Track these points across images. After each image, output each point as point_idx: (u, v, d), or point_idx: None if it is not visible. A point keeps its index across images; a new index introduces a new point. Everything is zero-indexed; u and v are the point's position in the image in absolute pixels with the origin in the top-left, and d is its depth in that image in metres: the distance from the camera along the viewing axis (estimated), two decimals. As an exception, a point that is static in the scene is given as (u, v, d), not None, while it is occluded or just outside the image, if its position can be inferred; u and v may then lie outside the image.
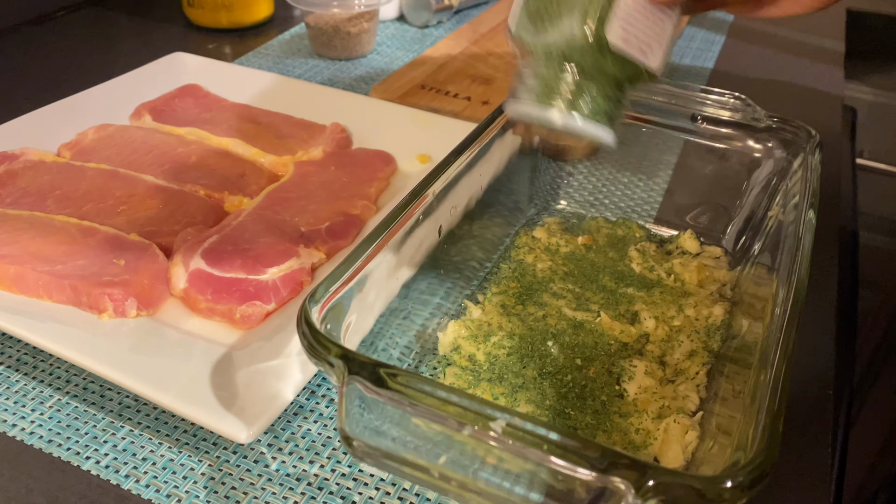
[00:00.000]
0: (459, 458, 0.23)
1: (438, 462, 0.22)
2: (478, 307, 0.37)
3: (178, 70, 0.56)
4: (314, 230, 0.40)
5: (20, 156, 0.44)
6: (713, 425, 0.30)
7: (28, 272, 0.35)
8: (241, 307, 0.35)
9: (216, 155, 0.46)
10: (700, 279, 0.39)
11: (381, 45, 0.68)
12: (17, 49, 0.65)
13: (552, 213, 0.45)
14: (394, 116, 0.51)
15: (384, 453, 0.23)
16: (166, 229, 0.40)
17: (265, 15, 0.70)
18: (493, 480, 0.22)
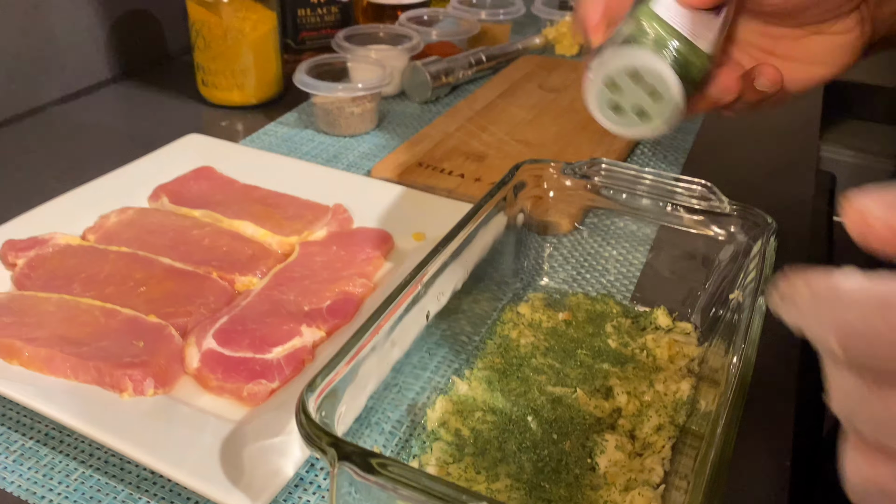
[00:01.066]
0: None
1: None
2: (464, 382, 0.41)
3: (192, 151, 0.60)
4: (316, 309, 0.44)
5: (49, 240, 0.48)
6: (672, 498, 0.33)
7: (57, 355, 0.39)
8: (248, 385, 0.39)
9: (228, 237, 0.50)
10: (671, 354, 0.43)
11: (384, 120, 0.72)
12: (44, 128, 0.70)
13: (536, 289, 0.49)
14: (392, 196, 0.55)
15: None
16: (182, 310, 0.44)
17: (275, 93, 0.75)
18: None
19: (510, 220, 0.47)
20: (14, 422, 0.39)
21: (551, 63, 0.82)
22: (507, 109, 0.71)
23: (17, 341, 0.40)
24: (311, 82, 0.66)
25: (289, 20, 0.79)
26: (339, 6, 0.81)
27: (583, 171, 0.47)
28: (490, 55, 0.80)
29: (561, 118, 0.70)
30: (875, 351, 0.19)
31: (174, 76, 0.80)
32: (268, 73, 0.73)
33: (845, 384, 0.20)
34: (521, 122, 0.69)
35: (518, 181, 0.46)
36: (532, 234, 0.50)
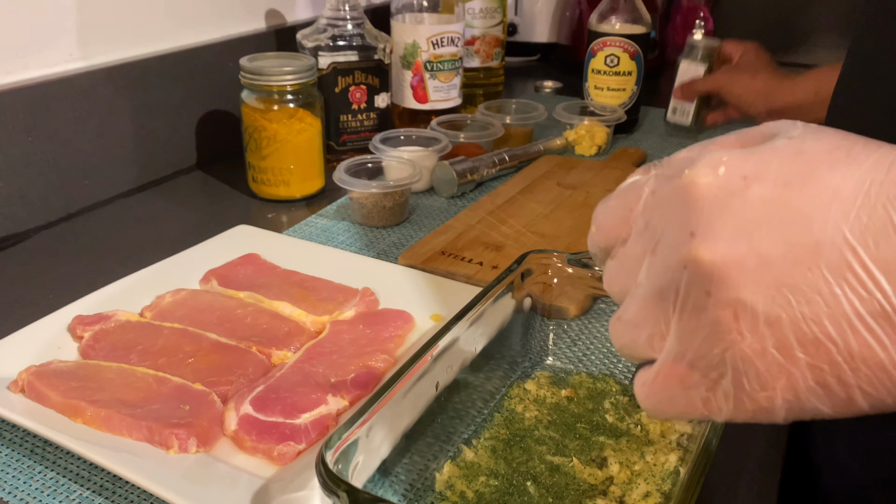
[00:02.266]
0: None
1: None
2: (471, 450, 0.45)
3: (241, 240, 0.67)
4: (341, 381, 0.49)
5: (112, 316, 0.55)
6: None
7: (114, 415, 0.45)
8: (279, 447, 0.44)
9: (268, 315, 0.56)
10: (662, 429, 0.46)
11: (414, 213, 0.79)
12: (113, 219, 0.78)
13: (543, 368, 0.54)
14: (415, 281, 0.61)
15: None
16: (224, 379, 0.49)
17: (317, 188, 0.83)
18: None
19: (518, 303, 0.52)
20: (74, 474, 0.45)
21: (570, 162, 0.89)
22: (526, 204, 0.77)
23: (81, 402, 0.45)
24: (349, 180, 0.73)
25: (332, 124, 0.88)
26: (377, 112, 0.90)
27: (584, 261, 0.52)
28: (513, 155, 0.88)
29: (575, 213, 0.76)
30: (604, 218, 0.30)
31: (228, 173, 0.89)
32: (311, 171, 0.81)
33: (607, 269, 0.31)
34: (539, 216, 0.75)
35: (525, 269, 0.51)
36: (540, 317, 0.54)
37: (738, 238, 0.24)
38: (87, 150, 0.78)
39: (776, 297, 0.24)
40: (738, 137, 0.28)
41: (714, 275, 0.24)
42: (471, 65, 1.11)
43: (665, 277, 0.26)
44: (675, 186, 0.26)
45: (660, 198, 0.27)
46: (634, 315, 0.28)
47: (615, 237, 0.29)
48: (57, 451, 0.46)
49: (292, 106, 0.77)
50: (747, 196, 0.24)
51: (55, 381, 0.47)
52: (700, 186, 0.25)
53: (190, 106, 0.89)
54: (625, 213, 0.29)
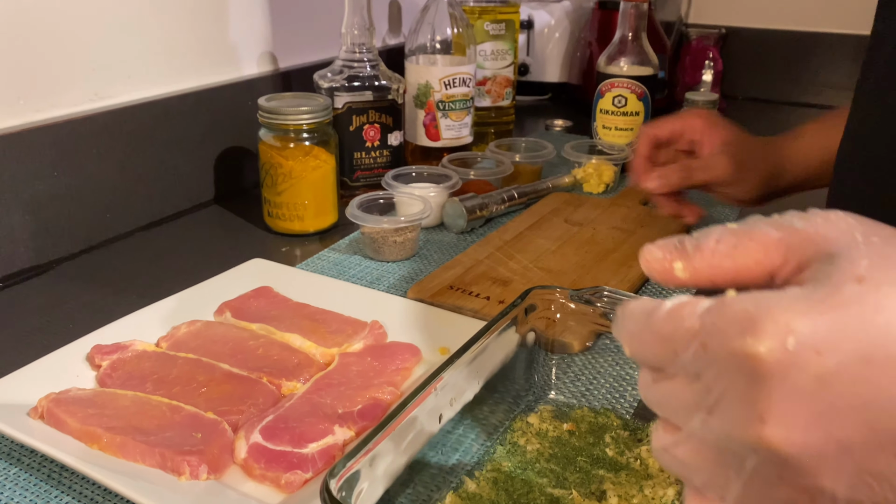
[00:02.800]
0: None
1: None
2: (473, 481, 0.46)
3: (254, 273, 0.69)
4: (348, 412, 0.50)
5: (129, 346, 0.57)
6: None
7: (129, 441, 0.46)
8: (286, 475, 0.45)
9: (279, 347, 0.58)
10: (662, 464, 0.47)
11: (424, 248, 0.81)
12: (132, 252, 0.81)
13: (546, 402, 0.55)
14: (423, 315, 0.62)
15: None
16: (235, 408, 0.51)
17: (330, 223, 0.85)
18: None
19: (522, 338, 0.53)
20: (89, 499, 0.46)
21: (578, 200, 0.91)
22: (533, 240, 0.79)
23: (98, 429, 0.47)
24: (361, 215, 0.75)
25: (346, 161, 0.91)
26: (390, 150, 0.93)
27: (586, 298, 0.53)
28: (521, 192, 0.90)
29: (582, 249, 0.77)
30: (643, 349, 0.27)
31: (244, 207, 0.92)
32: (324, 206, 0.83)
33: (641, 378, 0.28)
34: (546, 252, 0.77)
35: (529, 304, 0.53)
36: (543, 352, 0.56)
37: (815, 425, 0.22)
38: (109, 185, 0.81)
39: (857, 485, 0.22)
40: (787, 252, 0.25)
41: (789, 462, 0.23)
42: (482, 104, 1.14)
43: (728, 445, 0.24)
44: (734, 353, 0.23)
45: (716, 358, 0.24)
46: (688, 458, 0.26)
47: (652, 361, 0.27)
48: (73, 476, 0.48)
49: (308, 144, 0.80)
50: (823, 375, 0.22)
51: (73, 409, 0.49)
52: (767, 363, 0.22)
53: (208, 143, 0.92)
54: (661, 341, 0.26)
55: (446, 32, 0.97)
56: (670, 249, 0.28)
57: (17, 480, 0.47)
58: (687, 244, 0.28)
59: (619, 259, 0.75)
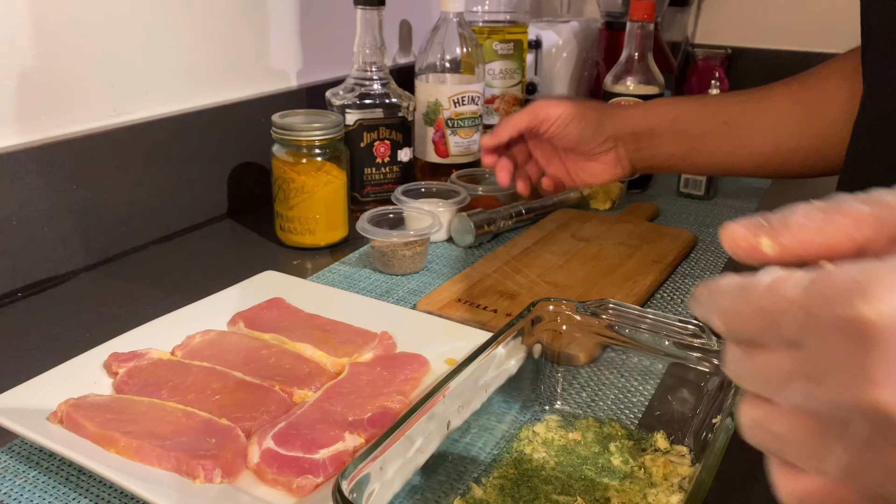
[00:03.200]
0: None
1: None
2: (480, 487, 0.47)
3: (267, 285, 0.71)
4: (358, 420, 0.52)
5: (145, 354, 0.59)
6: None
7: (146, 445, 0.48)
8: (298, 479, 0.46)
9: (291, 356, 0.59)
10: (665, 472, 0.48)
11: (433, 262, 0.82)
12: (147, 264, 0.82)
13: (552, 412, 0.56)
14: (431, 326, 0.63)
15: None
16: (248, 415, 0.52)
17: (341, 237, 0.87)
18: None
19: (528, 349, 0.55)
20: (106, 502, 0.47)
21: (585, 216, 0.92)
22: (540, 255, 0.80)
23: (115, 433, 0.48)
24: (371, 229, 0.77)
25: (356, 176, 0.92)
26: (400, 166, 0.95)
27: (592, 310, 0.55)
28: (529, 208, 0.91)
29: (588, 264, 0.78)
30: (740, 323, 0.27)
31: (257, 221, 0.93)
32: (335, 220, 0.85)
33: (733, 353, 0.27)
34: (553, 267, 0.78)
35: (535, 315, 0.54)
36: (550, 363, 0.57)
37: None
38: (125, 199, 0.83)
39: None
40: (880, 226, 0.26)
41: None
42: (490, 122, 1.16)
43: (832, 412, 0.24)
44: (843, 319, 0.23)
45: (822, 325, 0.24)
46: (784, 430, 0.26)
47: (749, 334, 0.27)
48: (90, 479, 0.49)
49: (320, 159, 0.82)
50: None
51: (91, 413, 0.50)
52: (878, 326, 0.22)
53: (222, 158, 0.94)
54: (761, 314, 0.26)
55: (456, 52, 0.99)
56: (755, 226, 0.28)
57: (37, 483, 0.49)
58: (773, 221, 0.28)
59: (625, 274, 0.76)
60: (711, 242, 0.88)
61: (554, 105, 0.73)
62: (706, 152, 0.74)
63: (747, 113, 0.73)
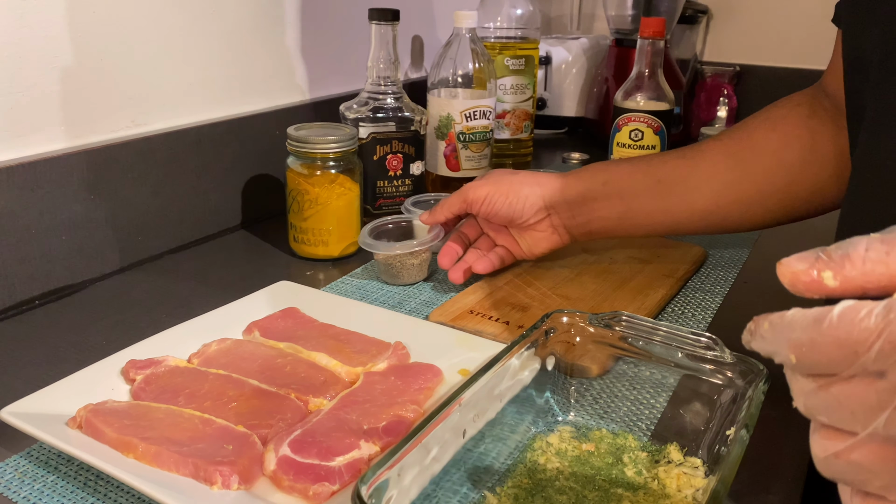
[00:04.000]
0: None
1: None
2: (495, 496, 0.47)
3: (281, 295, 0.72)
4: (373, 428, 0.52)
5: (162, 362, 0.59)
6: None
7: (163, 451, 0.48)
8: (314, 487, 0.47)
9: (306, 365, 0.60)
10: (679, 484, 0.48)
11: (443, 274, 0.83)
12: (163, 273, 0.83)
13: (566, 423, 0.56)
14: (444, 337, 0.64)
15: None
16: (264, 422, 0.53)
17: (354, 249, 0.87)
18: None
19: (542, 360, 0.55)
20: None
21: (595, 229, 0.93)
22: (551, 268, 0.81)
23: (133, 439, 0.49)
24: (372, 242, 0.78)
25: (369, 189, 0.93)
26: (412, 179, 0.95)
27: (606, 322, 0.55)
28: (540, 221, 0.92)
29: (599, 277, 0.79)
30: (817, 354, 0.27)
31: (271, 233, 0.94)
32: (348, 232, 0.86)
33: (803, 386, 0.28)
34: (564, 280, 0.78)
35: (549, 326, 0.55)
36: (563, 375, 0.57)
37: None
38: (142, 209, 0.84)
39: None
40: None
41: None
42: (501, 136, 1.17)
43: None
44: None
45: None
46: (867, 461, 0.26)
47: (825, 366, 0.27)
48: (108, 485, 0.50)
49: (334, 172, 0.83)
50: None
51: (110, 419, 0.51)
52: None
53: (238, 170, 0.95)
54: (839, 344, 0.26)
55: (468, 67, 1.00)
56: (814, 260, 0.28)
57: (55, 488, 0.49)
58: (833, 254, 0.28)
59: (637, 287, 0.77)
60: (721, 258, 0.88)
61: (479, 186, 0.75)
62: (642, 212, 0.73)
63: (680, 169, 0.72)
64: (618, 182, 0.73)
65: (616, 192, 0.73)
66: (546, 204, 0.74)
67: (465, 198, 0.76)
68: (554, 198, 0.74)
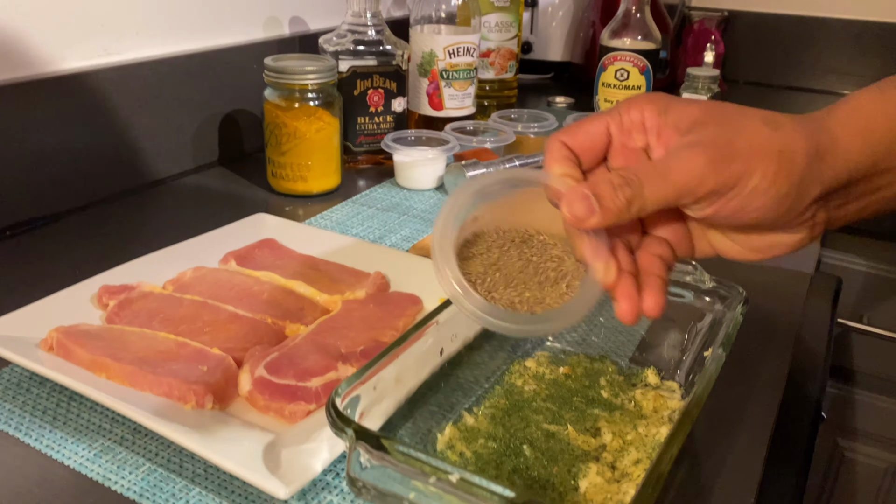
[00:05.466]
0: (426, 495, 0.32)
1: (410, 496, 0.32)
2: (472, 416, 0.47)
3: (259, 227, 0.71)
4: (351, 352, 0.52)
5: (136, 287, 0.58)
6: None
7: (137, 371, 0.48)
8: (290, 405, 0.46)
9: (283, 293, 0.59)
10: (655, 406, 0.48)
11: (424, 213, 0.82)
12: (137, 207, 0.82)
13: (544, 349, 0.56)
14: (425, 268, 0.63)
15: (377, 492, 0.33)
16: (240, 346, 0.52)
17: (333, 185, 0.86)
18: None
19: (522, 287, 0.55)
20: (96, 426, 0.47)
21: (578, 169, 0.92)
22: (533, 205, 0.80)
23: (107, 359, 0.48)
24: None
25: (350, 126, 0.92)
26: (393, 115, 0.94)
27: (586, 248, 0.54)
28: (524, 162, 0.90)
29: (581, 214, 0.78)
30: None
31: (248, 169, 0.93)
32: (328, 168, 0.84)
33: None
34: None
35: (529, 253, 0.54)
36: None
37: None
38: (115, 141, 0.82)
39: None
40: None
41: None
42: (485, 76, 1.15)
43: None
44: None
45: None
46: None
47: None
48: (80, 406, 0.49)
49: (312, 105, 0.81)
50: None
51: (82, 340, 0.50)
52: None
53: (214, 104, 0.93)
54: None
55: (451, 2, 0.98)
56: None
57: (26, 409, 0.49)
58: None
59: (618, 224, 0.76)
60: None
61: (745, 157, 0.36)
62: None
63: None
64: None
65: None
66: (827, 188, 0.38)
67: (719, 171, 0.36)
68: (839, 178, 0.38)
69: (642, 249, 0.39)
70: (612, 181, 0.35)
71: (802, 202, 0.36)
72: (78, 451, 0.45)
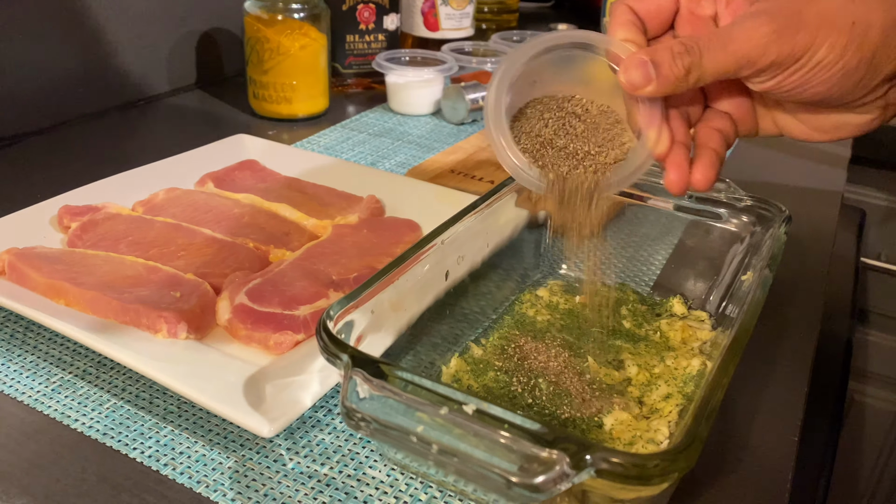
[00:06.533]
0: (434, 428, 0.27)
1: (417, 429, 0.27)
2: (479, 348, 0.42)
3: (240, 148, 0.64)
4: (343, 279, 0.46)
5: (102, 209, 0.52)
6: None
7: (100, 297, 0.42)
8: (275, 335, 0.41)
9: (266, 216, 0.53)
10: (683, 337, 0.43)
11: (421, 137, 0.76)
12: (107, 130, 0.75)
13: (556, 277, 0.51)
14: (423, 192, 0.58)
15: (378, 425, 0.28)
16: (218, 272, 0.46)
17: (320, 109, 0.79)
18: (461, 446, 0.27)
19: (532, 215, 0.49)
20: (55, 358, 0.42)
21: (585, 94, 0.85)
22: (539, 130, 0.74)
23: (65, 283, 0.43)
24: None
25: (338, 45, 0.84)
26: (385, 34, 0.86)
27: (604, 167, 0.49)
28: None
29: (590, 139, 0.72)
30: None
31: (229, 93, 0.85)
32: (314, 89, 0.77)
33: None
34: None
35: (542, 170, 0.48)
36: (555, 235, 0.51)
37: None
38: (80, 57, 0.74)
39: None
40: None
41: None
42: (483, -3, 1.07)
43: None
44: None
45: None
46: None
47: None
48: (38, 336, 0.43)
49: (297, 18, 0.74)
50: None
51: (38, 263, 0.44)
52: None
53: (190, 22, 0.85)
54: None
55: (449, -88, 0.90)
56: None
57: (-24, 339, 0.43)
58: None
59: (630, 150, 0.71)
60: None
61: (813, 28, 0.32)
62: None
63: None
64: None
65: None
66: None
67: (782, 46, 0.32)
68: None
69: (702, 122, 0.38)
70: (673, 48, 0.33)
71: (874, 79, 0.33)
72: (33, 385, 0.40)
